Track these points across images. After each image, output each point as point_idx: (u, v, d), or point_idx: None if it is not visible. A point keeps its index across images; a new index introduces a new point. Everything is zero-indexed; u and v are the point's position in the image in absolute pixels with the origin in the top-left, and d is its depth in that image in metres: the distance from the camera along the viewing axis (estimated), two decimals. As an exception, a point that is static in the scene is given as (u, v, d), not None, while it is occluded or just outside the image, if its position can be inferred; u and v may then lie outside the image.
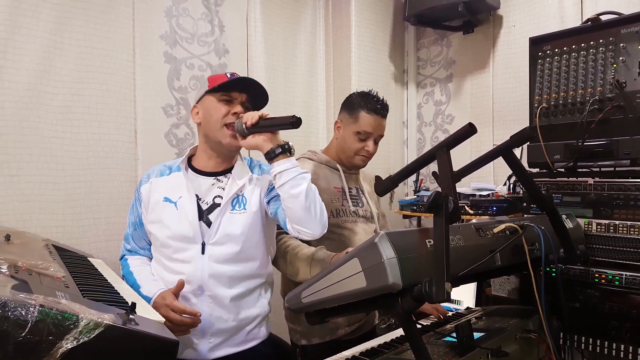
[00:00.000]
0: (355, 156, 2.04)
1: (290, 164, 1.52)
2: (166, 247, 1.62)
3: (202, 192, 1.65)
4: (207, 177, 1.68)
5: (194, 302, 1.58)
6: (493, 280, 2.19)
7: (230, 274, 1.60)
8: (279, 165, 1.51)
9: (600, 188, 1.82)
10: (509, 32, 2.79)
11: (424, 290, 1.03)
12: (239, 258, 1.62)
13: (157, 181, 1.68)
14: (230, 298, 1.60)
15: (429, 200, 1.07)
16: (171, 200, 1.63)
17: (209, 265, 1.58)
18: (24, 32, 1.90)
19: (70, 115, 2.03)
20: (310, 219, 1.53)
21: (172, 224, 1.60)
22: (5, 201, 1.86)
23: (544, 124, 1.98)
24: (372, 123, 2.01)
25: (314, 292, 1.19)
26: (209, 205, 1.63)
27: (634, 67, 1.78)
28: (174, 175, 1.67)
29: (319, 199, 1.57)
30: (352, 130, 2.01)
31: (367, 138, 2.01)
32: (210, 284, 1.58)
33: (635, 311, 1.68)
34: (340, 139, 2.06)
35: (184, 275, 1.57)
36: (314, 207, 1.53)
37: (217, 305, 1.59)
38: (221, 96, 1.62)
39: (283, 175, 1.50)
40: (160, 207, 1.63)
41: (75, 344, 0.77)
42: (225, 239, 1.60)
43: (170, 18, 2.36)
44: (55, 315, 0.77)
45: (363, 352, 1.49)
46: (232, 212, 1.62)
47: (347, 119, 2.03)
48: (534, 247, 1.44)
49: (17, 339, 0.74)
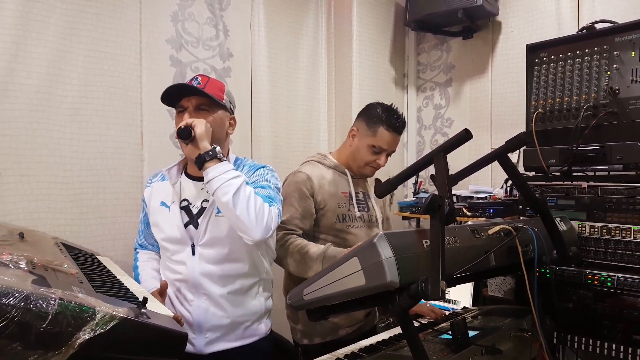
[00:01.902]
0: (365, 167, 2.09)
1: (216, 172, 1.48)
2: (164, 249, 1.71)
3: (192, 197, 1.70)
4: (197, 181, 1.72)
5: (191, 299, 1.65)
6: (489, 281, 2.23)
7: (221, 273, 1.66)
8: (206, 174, 1.49)
9: (594, 192, 1.85)
10: (508, 38, 2.84)
11: (420, 288, 1.08)
12: (228, 259, 1.66)
13: (158, 186, 1.76)
14: (224, 295, 1.65)
15: (426, 203, 1.12)
16: (166, 204, 1.71)
17: (200, 265, 1.64)
18: (34, 36, 1.95)
19: (78, 117, 2.08)
20: (245, 226, 1.47)
21: (166, 228, 1.69)
22: (16, 200, 1.91)
23: (539, 129, 2.01)
24: (389, 140, 2.05)
25: (316, 289, 1.23)
26: (198, 210, 1.68)
27: (627, 75, 1.82)
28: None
29: (254, 202, 1.48)
30: (367, 143, 2.05)
31: (380, 152, 2.06)
32: (204, 283, 1.64)
33: (626, 311, 1.72)
34: (354, 147, 2.09)
35: (181, 275, 1.65)
36: (247, 214, 1.46)
37: (212, 302, 1.65)
38: (176, 109, 1.68)
39: (211, 183, 1.48)
40: (157, 211, 1.72)
41: (92, 335, 0.82)
42: (213, 241, 1.65)
43: (176, 22, 2.42)
44: (73, 308, 0.82)
45: (362, 348, 1.54)
46: (217, 215, 1.64)
47: (365, 130, 2.06)
48: (527, 248, 1.48)
49: (38, 330, 0.79)
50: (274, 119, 2.81)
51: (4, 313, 0.76)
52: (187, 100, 1.64)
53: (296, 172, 2.04)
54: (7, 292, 0.77)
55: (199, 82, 1.64)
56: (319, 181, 2.01)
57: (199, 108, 1.64)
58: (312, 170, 2.04)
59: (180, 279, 1.65)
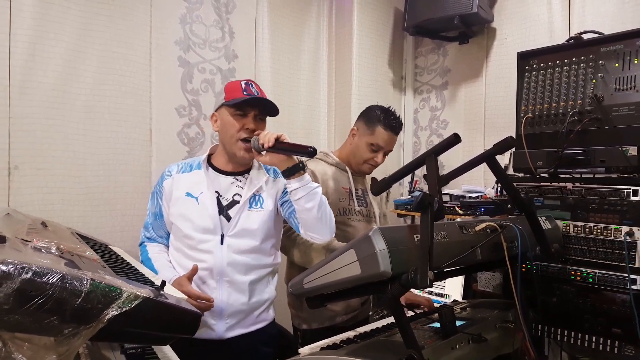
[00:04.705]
0: (364, 164, 2.21)
1: (305, 181, 1.67)
2: (189, 238, 1.76)
3: (222, 189, 1.80)
4: (226, 176, 1.83)
5: (213, 287, 1.74)
6: (480, 276, 2.32)
7: (247, 263, 1.76)
8: (295, 183, 1.66)
9: (578, 193, 1.93)
10: (502, 44, 2.92)
11: (410, 278, 1.19)
12: (254, 250, 1.78)
13: (179, 177, 1.82)
14: (246, 284, 1.76)
15: (417, 201, 1.22)
16: (193, 195, 1.78)
17: (227, 254, 1.74)
18: (51, 36, 2.05)
19: (91, 115, 2.18)
20: (322, 227, 1.72)
21: (195, 218, 1.76)
22: (32, 192, 2.02)
23: (528, 133, 2.09)
24: (386, 139, 2.17)
25: (315, 278, 1.33)
26: (228, 202, 1.79)
27: (611, 83, 1.90)
28: (195, 173, 1.82)
29: (328, 209, 1.74)
30: (366, 141, 2.17)
31: (378, 150, 2.18)
32: (229, 271, 1.74)
33: (606, 306, 1.80)
34: (354, 145, 2.21)
35: (206, 264, 1.73)
36: (325, 217, 1.71)
37: (234, 290, 1.75)
38: (235, 111, 1.75)
39: (298, 191, 1.66)
40: (182, 202, 1.78)
41: (119, 312, 0.92)
42: (243, 233, 1.76)
43: (185, 25, 2.51)
44: (103, 287, 0.92)
45: (356, 335, 1.65)
46: (249, 209, 1.78)
47: (365, 129, 2.19)
48: (512, 244, 1.57)
49: (73, 306, 0.88)
50: (276, 118, 2.81)
51: (43, 290, 0.86)
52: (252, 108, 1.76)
53: None
54: (46, 272, 0.87)
55: (257, 93, 1.77)
56: (321, 177, 2.13)
57: (256, 117, 1.77)
58: (315, 167, 2.16)
59: (205, 267, 1.73)
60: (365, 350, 1.41)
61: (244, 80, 1.79)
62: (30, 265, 0.86)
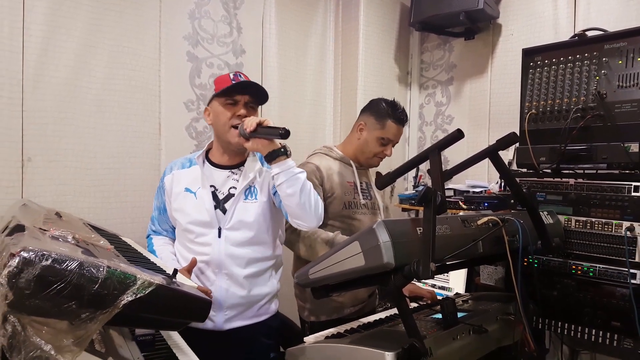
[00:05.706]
0: (374, 157, 2.25)
1: (285, 166, 1.66)
2: (189, 232, 1.81)
3: (219, 184, 1.83)
4: (222, 170, 1.86)
5: (213, 279, 1.77)
6: (482, 270, 2.37)
7: (245, 255, 1.79)
8: (276, 167, 1.66)
9: (580, 188, 1.97)
10: (507, 40, 2.94)
11: (413, 269, 1.22)
12: (252, 242, 1.80)
13: (179, 173, 1.87)
14: (244, 276, 1.78)
15: (420, 195, 1.26)
16: (191, 190, 1.82)
17: (225, 247, 1.77)
18: (63, 32, 2.10)
19: (102, 108, 2.23)
20: (305, 214, 1.70)
21: (192, 212, 1.79)
22: (44, 184, 2.07)
23: (532, 129, 2.12)
24: (396, 132, 2.21)
25: (320, 269, 1.38)
26: (224, 195, 1.82)
27: (614, 80, 1.93)
28: (194, 168, 1.86)
29: (313, 195, 1.71)
30: (376, 135, 2.20)
31: (388, 144, 2.22)
32: (227, 264, 1.77)
33: (606, 300, 1.84)
34: (362, 140, 2.23)
35: (206, 257, 1.76)
36: (308, 203, 1.69)
37: (233, 282, 1.78)
38: (226, 100, 1.78)
39: (280, 176, 1.66)
40: (182, 197, 1.83)
41: (133, 298, 0.97)
42: (240, 225, 1.78)
43: (193, 20, 2.55)
44: (119, 274, 0.97)
45: (360, 324, 1.70)
46: (245, 201, 1.80)
47: (374, 124, 2.21)
48: (514, 238, 1.61)
49: (90, 292, 0.93)
50: (282, 113, 2.93)
51: (63, 276, 0.90)
52: (242, 95, 1.77)
53: (305, 163, 2.18)
54: (65, 259, 0.92)
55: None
56: (327, 171, 2.16)
57: (247, 104, 1.79)
58: (320, 161, 2.19)
59: (204, 260, 1.76)
60: (368, 339, 1.45)
61: (232, 72, 1.82)
62: (50, 253, 0.90)
